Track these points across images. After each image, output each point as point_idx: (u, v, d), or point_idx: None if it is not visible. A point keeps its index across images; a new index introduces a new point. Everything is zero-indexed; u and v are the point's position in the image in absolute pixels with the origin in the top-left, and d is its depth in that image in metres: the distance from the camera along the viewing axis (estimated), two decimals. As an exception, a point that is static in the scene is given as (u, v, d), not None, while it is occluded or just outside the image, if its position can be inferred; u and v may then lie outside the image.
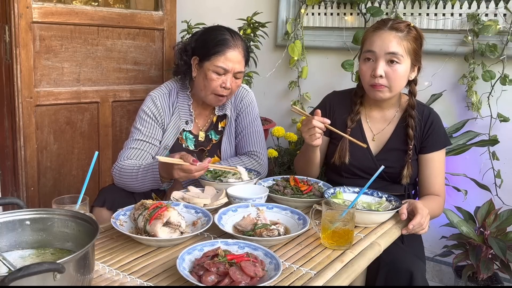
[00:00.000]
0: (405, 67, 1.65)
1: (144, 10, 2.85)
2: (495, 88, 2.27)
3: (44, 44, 2.44)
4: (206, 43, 1.79)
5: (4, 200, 1.18)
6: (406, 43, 1.64)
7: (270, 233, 1.26)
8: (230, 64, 1.76)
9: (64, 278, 0.88)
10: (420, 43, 1.70)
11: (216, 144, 1.94)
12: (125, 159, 1.77)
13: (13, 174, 2.49)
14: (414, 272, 1.47)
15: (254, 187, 1.60)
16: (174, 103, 1.87)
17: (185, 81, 1.91)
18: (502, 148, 2.29)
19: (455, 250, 2.28)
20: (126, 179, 1.73)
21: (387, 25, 1.66)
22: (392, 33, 1.64)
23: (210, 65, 1.76)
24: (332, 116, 1.81)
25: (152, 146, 1.82)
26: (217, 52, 1.75)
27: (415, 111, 1.72)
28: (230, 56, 1.76)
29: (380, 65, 1.64)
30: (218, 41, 1.77)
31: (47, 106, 2.50)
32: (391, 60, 1.63)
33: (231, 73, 1.77)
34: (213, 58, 1.75)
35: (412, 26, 1.68)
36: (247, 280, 1.03)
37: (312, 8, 2.73)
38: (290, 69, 2.86)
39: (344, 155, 1.74)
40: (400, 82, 1.67)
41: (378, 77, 1.64)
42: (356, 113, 1.78)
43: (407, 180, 1.71)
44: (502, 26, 2.20)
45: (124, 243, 1.27)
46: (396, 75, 1.64)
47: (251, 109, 1.95)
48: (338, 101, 1.85)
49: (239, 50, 1.78)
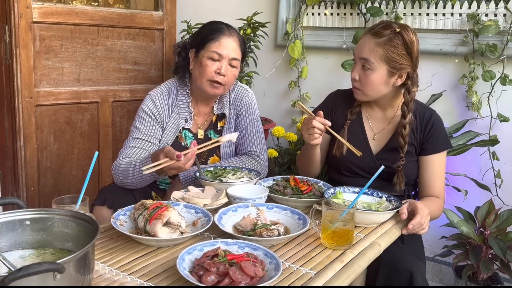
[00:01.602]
0: (378, 74, 1.64)
1: (144, 10, 2.85)
2: (495, 88, 2.27)
3: (44, 44, 2.44)
4: (202, 33, 1.85)
5: (4, 200, 1.18)
6: (381, 50, 1.61)
7: (270, 233, 1.26)
8: (225, 50, 1.79)
9: (64, 278, 0.88)
10: (407, 50, 1.62)
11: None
12: (124, 157, 1.78)
13: (13, 174, 2.49)
14: (414, 272, 1.47)
15: (254, 187, 1.60)
16: (174, 101, 1.88)
17: (185, 79, 1.93)
18: (502, 148, 2.29)
19: (455, 250, 2.28)
20: (124, 177, 1.75)
21: (373, 29, 1.66)
22: (370, 39, 1.64)
23: (205, 52, 1.80)
24: (334, 114, 1.82)
25: (152, 145, 1.82)
26: (211, 39, 1.80)
27: (410, 118, 1.67)
28: (225, 43, 1.79)
29: (356, 68, 1.68)
30: (212, 29, 1.82)
31: (47, 106, 2.50)
32: (364, 65, 1.65)
33: (226, 59, 1.79)
34: (208, 44, 1.80)
35: (398, 32, 1.61)
36: (247, 280, 1.03)
37: (312, 8, 2.73)
38: (290, 69, 2.86)
39: (341, 146, 1.74)
40: (373, 88, 1.67)
41: (353, 79, 1.69)
42: (356, 106, 1.79)
43: (400, 187, 1.70)
44: (502, 26, 2.20)
45: (124, 243, 1.27)
46: (367, 81, 1.66)
47: (251, 109, 1.95)
48: (341, 99, 1.85)
49: (233, 39, 1.82)
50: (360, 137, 1.77)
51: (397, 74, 1.66)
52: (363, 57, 1.65)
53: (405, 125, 1.67)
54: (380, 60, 1.62)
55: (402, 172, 1.69)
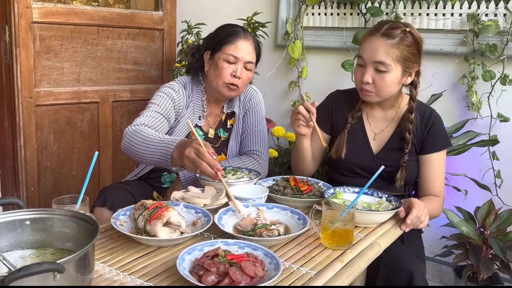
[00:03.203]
0: (394, 75, 1.64)
1: (144, 10, 2.85)
2: (495, 88, 2.27)
3: (44, 44, 2.44)
4: (218, 36, 1.85)
5: (4, 200, 1.18)
6: (395, 51, 1.61)
7: (270, 233, 1.26)
8: (241, 52, 1.80)
9: (64, 278, 0.88)
10: (417, 49, 1.65)
11: (224, 141, 1.95)
12: (141, 124, 1.70)
13: (13, 174, 2.49)
14: (414, 272, 1.47)
15: (254, 187, 1.60)
16: (190, 96, 1.89)
17: (198, 77, 1.93)
18: (502, 148, 2.29)
19: (455, 250, 2.28)
20: (137, 143, 1.62)
21: (380, 30, 1.63)
22: (382, 41, 1.62)
23: (221, 55, 1.81)
24: (334, 114, 1.82)
25: (166, 122, 1.79)
26: (228, 41, 1.81)
27: (415, 114, 1.70)
28: (241, 46, 1.81)
29: (368, 72, 1.65)
30: (229, 32, 1.83)
31: (47, 106, 2.50)
32: (378, 68, 1.63)
33: (241, 62, 1.80)
34: (224, 47, 1.80)
35: (408, 31, 1.63)
36: (247, 280, 1.03)
37: (312, 8, 2.73)
38: (290, 69, 2.86)
39: (340, 149, 1.74)
40: (388, 89, 1.67)
41: (365, 83, 1.66)
42: (357, 110, 1.79)
43: (401, 183, 1.70)
44: (502, 26, 2.20)
45: (124, 243, 1.27)
46: (383, 83, 1.64)
47: (258, 109, 1.97)
48: (341, 99, 1.85)
49: (249, 42, 1.84)
50: (361, 137, 1.77)
51: (411, 72, 1.68)
52: (378, 60, 1.62)
53: (412, 120, 1.69)
54: (397, 61, 1.62)
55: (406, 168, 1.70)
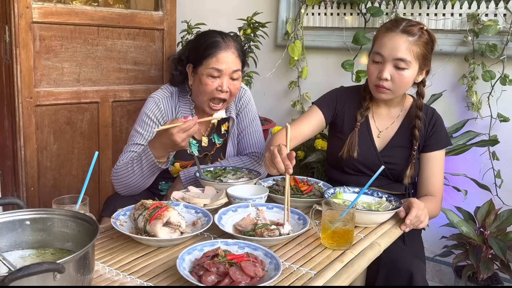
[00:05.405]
0: (412, 72, 1.64)
1: (144, 10, 2.85)
2: (495, 88, 2.27)
3: (44, 44, 2.44)
4: (198, 48, 1.76)
5: (4, 200, 1.18)
6: (416, 48, 1.61)
7: (270, 233, 1.26)
8: (224, 65, 1.71)
9: (64, 278, 0.88)
10: (431, 47, 1.67)
11: (220, 147, 1.92)
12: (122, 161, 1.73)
13: (13, 174, 2.48)
14: (414, 272, 1.47)
15: (254, 187, 1.60)
16: (177, 106, 1.84)
17: (184, 85, 1.87)
18: (502, 148, 2.29)
19: (455, 250, 2.28)
20: (124, 178, 1.69)
21: (399, 27, 1.62)
22: (403, 37, 1.61)
23: (203, 70, 1.73)
24: (341, 110, 1.81)
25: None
26: (208, 55, 1.72)
27: (422, 112, 1.72)
28: (222, 58, 1.72)
29: (387, 69, 1.63)
30: (208, 44, 1.73)
31: (47, 106, 2.49)
32: (398, 65, 1.62)
33: (226, 75, 1.73)
34: (205, 61, 1.72)
35: (425, 30, 1.64)
36: (247, 280, 1.03)
37: (312, 8, 2.73)
38: (290, 69, 2.86)
39: (353, 149, 1.73)
40: (405, 86, 1.68)
41: (383, 80, 1.64)
42: (366, 108, 1.78)
43: (409, 180, 1.71)
44: (502, 26, 2.20)
45: (124, 243, 1.27)
46: (402, 79, 1.64)
47: (250, 107, 1.94)
48: (348, 96, 1.84)
49: (232, 51, 1.74)
50: (366, 134, 1.77)
51: (424, 70, 1.69)
52: (399, 57, 1.61)
53: (420, 117, 1.71)
54: (416, 58, 1.63)
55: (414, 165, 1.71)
